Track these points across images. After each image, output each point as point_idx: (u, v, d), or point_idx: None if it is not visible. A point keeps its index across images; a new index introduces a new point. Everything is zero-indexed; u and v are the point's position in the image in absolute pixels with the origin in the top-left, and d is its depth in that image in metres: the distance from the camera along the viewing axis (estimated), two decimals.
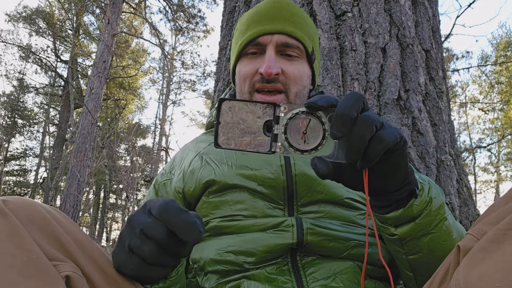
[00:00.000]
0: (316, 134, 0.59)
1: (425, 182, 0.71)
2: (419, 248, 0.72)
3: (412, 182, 0.67)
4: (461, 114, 16.76)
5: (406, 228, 0.69)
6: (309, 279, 0.77)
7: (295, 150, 0.59)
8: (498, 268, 0.46)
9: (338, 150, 0.59)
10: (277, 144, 0.60)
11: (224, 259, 0.80)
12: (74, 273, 0.51)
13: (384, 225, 0.71)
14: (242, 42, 0.93)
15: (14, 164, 17.11)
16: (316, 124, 0.59)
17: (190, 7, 13.27)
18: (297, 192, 0.85)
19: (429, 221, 0.69)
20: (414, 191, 0.67)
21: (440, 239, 0.71)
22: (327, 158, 0.59)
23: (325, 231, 0.80)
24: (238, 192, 0.86)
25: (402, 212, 0.67)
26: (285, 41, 0.90)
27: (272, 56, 0.89)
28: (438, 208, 0.70)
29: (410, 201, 0.67)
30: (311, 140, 0.59)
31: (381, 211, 0.69)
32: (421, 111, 1.60)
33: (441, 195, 0.73)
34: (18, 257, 0.47)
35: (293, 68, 0.91)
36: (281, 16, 0.92)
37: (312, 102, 0.58)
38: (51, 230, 0.53)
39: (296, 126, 0.60)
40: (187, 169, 0.94)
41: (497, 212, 0.54)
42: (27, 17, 14.74)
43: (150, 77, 18.96)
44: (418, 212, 0.68)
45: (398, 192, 0.66)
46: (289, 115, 0.60)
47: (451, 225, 0.74)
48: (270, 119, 0.60)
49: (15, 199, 0.53)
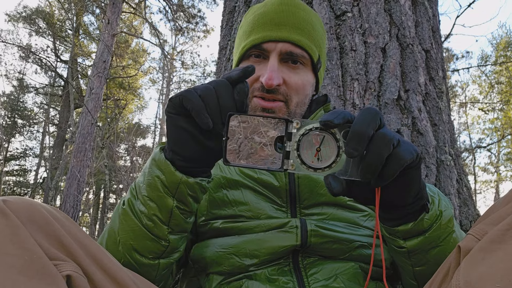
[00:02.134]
0: (330, 151, 0.57)
1: (435, 195, 0.71)
2: (426, 260, 0.72)
3: (424, 197, 0.66)
4: (461, 114, 16.77)
5: (416, 241, 0.69)
6: (311, 279, 0.77)
7: (308, 168, 0.57)
8: (498, 268, 0.46)
9: (352, 167, 0.57)
10: (290, 161, 0.57)
11: (226, 260, 0.80)
12: (75, 272, 0.51)
13: (393, 237, 0.71)
14: (245, 46, 0.90)
15: (14, 164, 17.10)
16: (330, 141, 0.57)
17: (190, 7, 13.27)
18: (299, 194, 0.85)
19: (439, 234, 0.69)
20: (426, 206, 0.67)
21: (446, 251, 0.70)
22: (340, 175, 0.58)
23: (329, 233, 0.80)
24: (241, 191, 0.86)
25: (413, 226, 0.67)
26: (290, 50, 0.86)
27: (275, 66, 0.85)
28: (448, 222, 0.70)
29: (421, 215, 0.67)
30: (324, 157, 0.57)
31: (390, 223, 0.69)
32: (421, 111, 1.60)
33: (450, 208, 0.73)
34: (19, 257, 0.47)
35: (296, 78, 0.87)
36: (288, 22, 0.88)
37: (328, 120, 0.55)
38: (51, 230, 0.53)
39: (309, 142, 0.57)
40: None
41: (497, 213, 0.54)
42: (27, 17, 14.73)
43: (150, 77, 18.97)
44: (428, 226, 0.68)
45: (410, 207, 0.65)
46: (302, 131, 0.57)
47: (458, 237, 0.74)
48: (282, 134, 0.58)
49: (16, 199, 0.53)
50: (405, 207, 0.65)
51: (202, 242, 0.88)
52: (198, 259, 0.85)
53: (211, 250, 0.83)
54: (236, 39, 0.99)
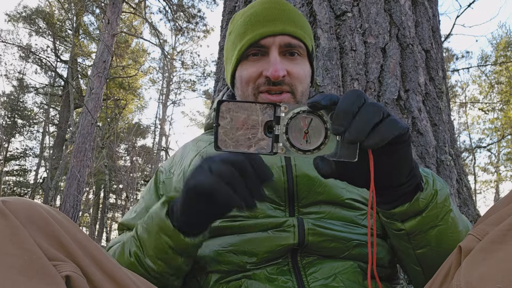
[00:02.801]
0: (318, 133, 0.58)
1: (429, 175, 0.71)
2: (426, 241, 0.72)
3: (417, 176, 0.66)
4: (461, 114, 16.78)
5: (413, 222, 0.69)
6: (310, 279, 0.77)
7: (297, 150, 0.59)
8: (499, 268, 0.46)
9: (341, 149, 0.58)
10: (279, 144, 0.59)
11: (225, 259, 0.80)
12: (74, 273, 0.51)
13: (391, 220, 0.71)
14: (242, 46, 0.91)
15: (14, 164, 17.11)
16: (318, 123, 0.58)
17: (190, 7, 13.28)
18: (298, 193, 0.85)
19: (436, 213, 0.69)
20: (420, 185, 0.67)
21: (447, 231, 0.71)
22: (329, 157, 0.58)
23: (326, 231, 0.80)
24: None
25: (409, 207, 0.67)
26: (288, 41, 0.89)
27: (277, 58, 0.88)
28: (444, 200, 0.70)
29: (416, 195, 0.67)
30: (313, 139, 0.58)
31: (387, 206, 0.69)
32: (421, 111, 1.60)
33: (446, 187, 0.73)
34: (19, 257, 0.47)
35: (298, 68, 0.90)
36: (280, 17, 0.91)
37: (315, 101, 0.57)
38: (51, 231, 0.53)
39: (297, 125, 0.58)
40: (187, 168, 0.94)
41: (498, 213, 0.54)
42: (27, 17, 14.74)
43: (150, 77, 18.97)
44: (425, 205, 0.68)
45: (403, 186, 0.66)
46: (290, 115, 0.58)
47: (457, 216, 0.74)
48: (271, 119, 0.59)
49: (15, 200, 0.53)
50: (399, 187, 0.65)
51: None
52: (197, 259, 0.85)
53: (210, 249, 0.83)
54: (227, 45, 1.00)
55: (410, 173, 0.65)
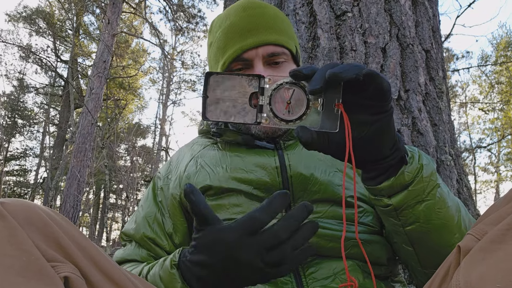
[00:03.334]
0: (300, 104, 0.60)
1: (414, 151, 0.71)
2: (415, 217, 0.71)
3: (401, 149, 0.67)
4: (461, 114, 16.78)
5: (400, 196, 0.69)
6: (309, 279, 0.77)
7: (280, 120, 0.61)
8: (498, 268, 0.46)
9: (322, 120, 0.60)
10: (263, 115, 0.61)
11: None
12: (72, 274, 0.51)
13: (378, 197, 0.71)
14: (225, 62, 0.89)
15: (14, 164, 17.12)
16: (300, 94, 0.60)
17: (190, 7, 13.28)
18: (293, 193, 0.84)
19: (422, 187, 0.69)
20: (404, 158, 0.67)
21: (435, 206, 0.70)
22: (312, 128, 0.60)
23: (324, 231, 0.80)
24: (235, 196, 0.85)
25: (394, 180, 0.67)
26: (271, 51, 0.88)
27: (262, 70, 0.87)
28: (430, 175, 0.70)
29: (401, 168, 0.67)
30: (295, 110, 0.60)
31: (373, 182, 0.69)
32: (421, 111, 1.60)
33: (432, 163, 0.72)
34: (17, 258, 0.47)
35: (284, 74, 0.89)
36: (259, 25, 0.88)
37: (297, 70, 0.58)
38: (49, 232, 0.53)
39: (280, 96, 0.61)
40: (182, 174, 0.93)
41: (497, 212, 0.54)
42: (27, 17, 14.75)
43: (150, 77, 18.97)
44: (410, 179, 0.68)
45: (388, 159, 0.66)
46: (273, 86, 0.61)
47: (445, 192, 0.73)
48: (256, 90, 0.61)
49: (13, 201, 0.53)
50: (383, 159, 0.66)
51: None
52: None
53: None
54: (210, 57, 0.99)
55: (393, 145, 0.65)
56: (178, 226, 0.91)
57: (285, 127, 0.61)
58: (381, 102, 0.60)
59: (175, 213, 0.92)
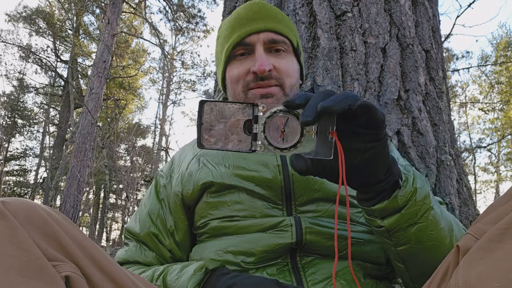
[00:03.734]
0: (295, 132, 0.61)
1: (409, 173, 0.71)
2: (406, 239, 0.71)
3: (395, 173, 0.67)
4: (461, 114, 16.77)
5: (392, 219, 0.69)
6: (309, 279, 0.77)
7: (275, 148, 0.61)
8: (497, 267, 0.46)
9: (317, 147, 0.60)
10: (257, 142, 0.61)
11: (224, 259, 0.81)
12: (73, 273, 0.51)
13: (371, 217, 0.72)
14: (229, 46, 0.94)
15: (14, 164, 17.11)
16: (294, 122, 0.61)
17: (190, 7, 13.27)
18: (294, 191, 0.85)
19: (415, 211, 0.69)
20: (398, 182, 0.67)
21: (427, 229, 0.71)
22: (306, 155, 0.61)
23: (324, 230, 0.80)
24: (237, 193, 0.86)
25: (387, 204, 0.67)
26: (272, 37, 0.92)
27: (263, 54, 0.90)
28: (424, 198, 0.70)
29: (395, 192, 0.67)
30: (289, 137, 0.61)
31: (367, 203, 0.70)
32: (421, 111, 1.60)
33: (426, 186, 0.73)
34: (18, 258, 0.47)
35: (284, 62, 0.92)
36: (262, 16, 0.94)
37: (290, 100, 0.59)
38: (50, 231, 0.53)
39: (274, 124, 0.61)
40: (184, 172, 0.94)
41: (496, 212, 0.54)
42: (27, 17, 14.74)
43: (150, 77, 18.96)
44: (403, 203, 0.68)
45: (381, 184, 0.66)
46: (267, 114, 0.61)
47: (438, 214, 0.73)
48: (250, 118, 0.61)
49: (14, 200, 0.53)
50: (377, 184, 0.66)
51: (201, 243, 0.89)
52: (196, 259, 0.85)
53: (209, 250, 0.83)
54: (216, 50, 1.04)
55: (387, 171, 0.66)
56: (179, 224, 0.93)
57: (281, 154, 0.61)
58: (375, 130, 0.61)
59: (176, 211, 0.93)
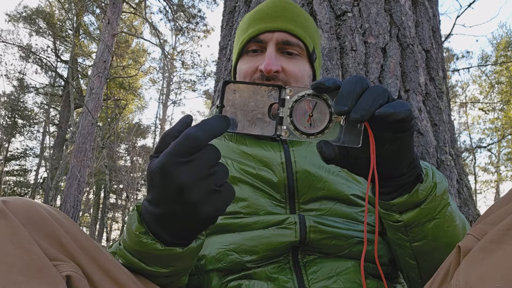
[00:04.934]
0: (323, 117, 0.58)
1: (428, 168, 0.71)
2: (423, 234, 0.71)
3: (418, 167, 0.66)
4: (461, 114, 16.77)
5: (412, 214, 0.69)
6: (310, 278, 0.77)
7: (301, 134, 0.58)
8: (498, 268, 0.46)
9: (344, 135, 0.58)
10: (283, 127, 0.58)
11: (226, 257, 0.80)
12: (74, 273, 0.51)
13: (389, 212, 0.71)
14: (243, 40, 0.94)
15: (14, 164, 17.10)
16: (323, 107, 0.58)
17: (190, 7, 13.27)
18: (298, 189, 0.85)
19: (434, 206, 0.69)
20: (420, 176, 0.66)
21: (444, 224, 0.70)
22: (333, 142, 0.58)
23: (328, 228, 0.80)
24: (240, 187, 0.86)
25: (408, 198, 0.67)
26: (286, 39, 0.91)
27: (273, 53, 0.89)
28: (443, 194, 0.70)
29: (416, 186, 0.66)
30: (317, 123, 0.58)
31: (386, 197, 0.69)
32: (421, 111, 1.60)
33: (444, 181, 0.72)
34: (19, 257, 0.47)
35: (294, 66, 0.91)
36: (282, 15, 0.92)
37: (319, 82, 0.56)
38: (51, 230, 0.53)
39: (302, 108, 0.58)
40: None
41: (497, 212, 0.54)
42: (27, 17, 14.74)
43: (150, 77, 18.95)
44: (424, 197, 0.67)
45: (404, 177, 0.65)
46: (295, 98, 0.58)
47: (454, 210, 0.73)
48: (276, 101, 0.59)
49: (15, 200, 0.53)
50: (399, 177, 0.65)
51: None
52: (199, 257, 0.85)
53: (211, 247, 0.83)
54: (234, 41, 1.03)
55: (411, 163, 0.64)
56: None
57: (306, 140, 0.58)
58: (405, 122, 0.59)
59: None
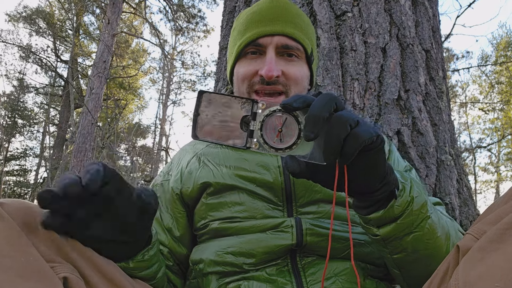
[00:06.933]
0: (292, 133, 0.59)
1: (406, 182, 0.70)
2: (402, 247, 0.71)
3: (391, 182, 0.66)
4: (461, 114, 16.77)
5: (388, 228, 0.68)
6: (309, 280, 0.77)
7: (270, 148, 0.60)
8: (497, 267, 0.46)
9: (314, 150, 0.59)
10: (253, 140, 0.60)
11: (224, 260, 0.80)
12: (71, 274, 0.51)
13: (367, 225, 0.71)
14: (241, 43, 0.93)
15: (14, 164, 17.09)
16: (292, 123, 0.59)
17: (190, 7, 13.27)
18: (295, 192, 0.85)
19: (411, 220, 0.68)
20: (394, 192, 0.66)
21: (424, 237, 0.70)
22: (302, 158, 0.59)
23: (324, 231, 0.80)
24: (237, 194, 0.86)
25: (383, 213, 0.67)
26: (286, 42, 0.90)
27: (273, 58, 0.89)
28: (420, 208, 0.69)
29: (391, 202, 0.66)
30: (286, 138, 0.59)
31: (364, 211, 0.69)
32: (421, 111, 1.60)
33: (424, 194, 0.72)
34: (16, 259, 0.47)
35: (294, 69, 0.91)
36: (281, 17, 0.92)
37: (287, 103, 0.58)
38: (48, 232, 0.53)
39: (272, 123, 0.60)
40: (184, 169, 0.94)
41: (496, 212, 0.54)
42: (27, 17, 14.75)
43: (150, 77, 18.97)
44: (400, 212, 0.67)
45: (378, 193, 0.65)
46: (266, 112, 0.60)
47: (435, 223, 0.72)
48: (248, 114, 0.60)
49: (12, 202, 0.53)
50: (373, 193, 0.65)
51: (202, 244, 0.89)
52: (197, 261, 0.85)
53: (210, 251, 0.83)
54: (230, 41, 1.02)
55: (383, 179, 0.64)
56: (179, 219, 0.93)
57: (275, 154, 0.60)
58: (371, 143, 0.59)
59: (174, 206, 0.93)
